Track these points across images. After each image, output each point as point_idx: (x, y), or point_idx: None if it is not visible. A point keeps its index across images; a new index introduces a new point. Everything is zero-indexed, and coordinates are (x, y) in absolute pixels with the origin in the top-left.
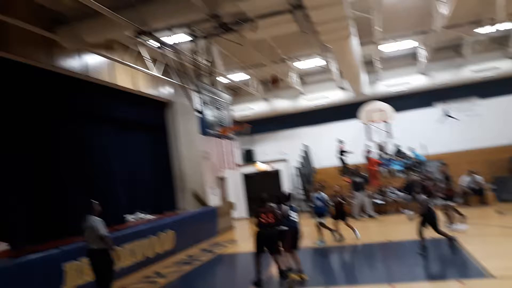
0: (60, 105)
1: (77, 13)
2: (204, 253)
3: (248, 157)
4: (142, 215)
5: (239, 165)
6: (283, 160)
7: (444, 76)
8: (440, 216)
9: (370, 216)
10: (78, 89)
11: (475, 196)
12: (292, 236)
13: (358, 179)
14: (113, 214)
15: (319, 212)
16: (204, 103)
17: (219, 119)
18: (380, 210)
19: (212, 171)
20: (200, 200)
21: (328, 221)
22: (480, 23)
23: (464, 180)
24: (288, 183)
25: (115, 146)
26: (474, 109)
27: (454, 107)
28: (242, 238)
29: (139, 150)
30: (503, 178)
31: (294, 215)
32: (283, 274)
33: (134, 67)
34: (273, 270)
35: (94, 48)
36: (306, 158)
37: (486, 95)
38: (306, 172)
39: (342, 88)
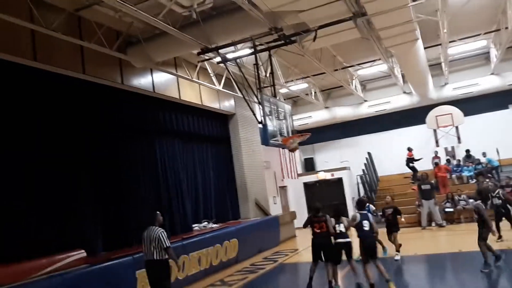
0: (130, 120)
1: (146, 34)
2: (267, 261)
3: (309, 166)
4: (207, 224)
5: (300, 174)
6: (345, 168)
7: None
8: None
9: (439, 225)
10: (147, 105)
11: None
12: (364, 247)
13: (425, 187)
14: (181, 223)
15: None
16: (266, 114)
17: (280, 129)
18: (450, 218)
19: (273, 180)
20: (262, 209)
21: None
22: None
23: None
24: (351, 192)
25: (181, 158)
26: None
27: None
28: (304, 247)
29: (203, 161)
30: None
31: (366, 225)
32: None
33: (199, 82)
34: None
35: (162, 66)
36: (369, 165)
37: None
38: (370, 180)
39: (406, 93)
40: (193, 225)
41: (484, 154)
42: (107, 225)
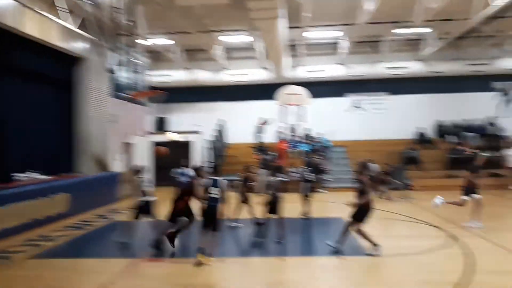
0: None
1: None
2: (99, 218)
3: (161, 126)
4: (34, 175)
5: (149, 133)
6: (197, 132)
7: (360, 69)
8: None
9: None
10: None
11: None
12: (206, 214)
13: (267, 157)
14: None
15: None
16: (119, 64)
17: (133, 82)
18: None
19: (119, 136)
20: (102, 164)
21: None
22: (399, 24)
23: None
24: (200, 156)
25: (13, 97)
26: (381, 103)
27: (364, 99)
28: None
29: (41, 105)
30: (396, 167)
31: (215, 191)
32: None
33: (46, 15)
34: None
35: None
36: (220, 132)
37: (393, 92)
38: (219, 147)
39: (264, 68)
40: (15, 175)
41: (320, 134)
42: None
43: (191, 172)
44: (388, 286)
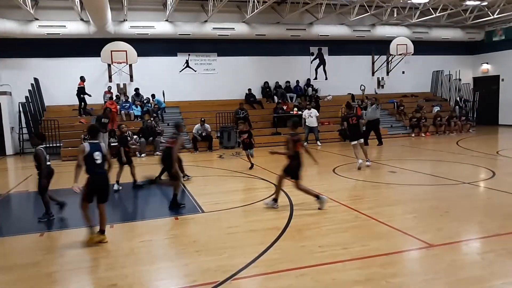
0: None
1: None
2: None
3: None
4: None
5: None
6: (5, 93)
7: (188, 28)
8: None
9: None
10: None
11: (204, 142)
12: (94, 185)
13: (102, 120)
14: None
15: None
16: None
17: None
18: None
19: None
20: None
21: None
22: None
23: (195, 128)
24: (11, 121)
25: None
26: (211, 64)
27: (195, 59)
28: None
29: None
30: (227, 128)
31: (98, 157)
32: None
33: None
34: None
35: None
36: (35, 93)
37: (222, 53)
38: (34, 109)
39: (84, 21)
40: None
41: (153, 96)
42: None
43: None
44: (220, 237)
